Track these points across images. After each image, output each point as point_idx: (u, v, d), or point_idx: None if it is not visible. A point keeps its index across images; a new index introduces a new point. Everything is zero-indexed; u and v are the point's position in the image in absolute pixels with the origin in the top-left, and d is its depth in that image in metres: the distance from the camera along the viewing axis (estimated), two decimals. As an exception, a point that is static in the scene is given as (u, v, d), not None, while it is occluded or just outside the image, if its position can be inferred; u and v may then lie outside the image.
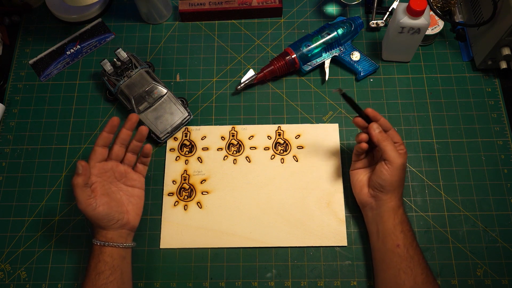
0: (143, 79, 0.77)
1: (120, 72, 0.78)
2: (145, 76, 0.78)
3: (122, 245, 0.65)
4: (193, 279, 0.71)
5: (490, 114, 0.80)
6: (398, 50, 0.82)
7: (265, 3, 0.88)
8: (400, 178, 0.65)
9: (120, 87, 0.77)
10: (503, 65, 0.79)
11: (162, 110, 0.77)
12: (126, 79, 0.77)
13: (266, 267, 0.72)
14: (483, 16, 0.77)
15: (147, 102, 0.77)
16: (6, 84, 0.86)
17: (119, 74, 0.78)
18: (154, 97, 0.77)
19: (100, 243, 0.64)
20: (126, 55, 0.79)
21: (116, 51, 0.79)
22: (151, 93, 0.77)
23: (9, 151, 0.81)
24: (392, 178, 0.64)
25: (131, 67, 0.79)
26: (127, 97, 0.77)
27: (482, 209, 0.74)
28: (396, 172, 0.64)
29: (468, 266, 0.71)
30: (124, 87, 0.77)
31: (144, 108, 0.77)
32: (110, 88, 0.79)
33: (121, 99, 0.78)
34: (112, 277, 0.63)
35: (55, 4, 0.90)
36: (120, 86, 0.77)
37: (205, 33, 0.89)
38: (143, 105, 0.77)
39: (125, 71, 0.78)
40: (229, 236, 0.73)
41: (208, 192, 0.76)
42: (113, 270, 0.63)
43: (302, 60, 0.81)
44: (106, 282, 0.62)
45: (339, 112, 0.81)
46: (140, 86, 0.77)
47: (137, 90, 0.77)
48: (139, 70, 0.78)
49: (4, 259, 0.73)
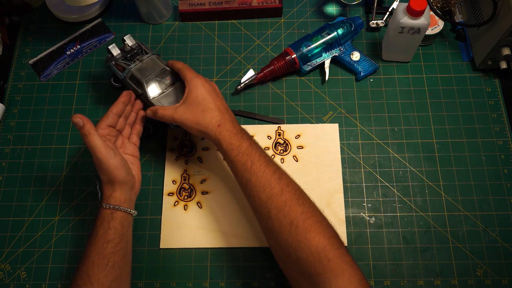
0: (155, 64, 0.74)
1: (130, 57, 0.75)
2: (157, 61, 0.74)
3: (132, 212, 0.65)
4: (193, 279, 0.71)
5: (490, 114, 0.80)
6: (398, 50, 0.82)
7: (265, 3, 0.88)
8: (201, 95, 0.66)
9: (131, 71, 0.73)
10: (503, 65, 0.79)
11: (175, 96, 0.73)
12: (137, 63, 0.73)
13: (266, 267, 0.72)
14: (483, 16, 0.77)
15: (159, 87, 0.73)
16: (6, 84, 0.86)
17: (128, 59, 0.75)
18: (166, 83, 0.74)
19: (111, 207, 0.63)
20: (135, 41, 0.76)
21: (125, 36, 0.75)
22: (163, 79, 0.73)
23: (9, 151, 0.81)
24: None
25: (140, 52, 0.76)
26: (138, 82, 0.72)
27: (482, 209, 0.74)
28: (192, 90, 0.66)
29: (468, 266, 0.71)
30: (136, 71, 0.73)
31: (157, 94, 0.73)
32: (118, 73, 0.74)
33: (130, 84, 0.73)
34: (120, 245, 0.62)
35: (55, 4, 0.90)
36: (131, 70, 0.73)
37: (205, 33, 0.89)
38: (156, 90, 0.73)
39: (134, 56, 0.75)
40: (229, 236, 0.73)
41: (208, 192, 0.76)
42: (121, 238, 0.63)
43: (302, 60, 0.81)
44: (113, 251, 0.61)
45: (339, 112, 0.81)
46: (152, 71, 0.73)
47: (149, 75, 0.73)
48: (151, 55, 0.74)
49: (4, 259, 0.73)
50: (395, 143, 0.79)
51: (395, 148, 0.78)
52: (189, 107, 0.66)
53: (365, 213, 0.74)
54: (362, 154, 0.78)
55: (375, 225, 0.73)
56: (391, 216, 0.74)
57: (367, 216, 0.74)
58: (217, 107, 0.66)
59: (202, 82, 0.67)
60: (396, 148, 0.78)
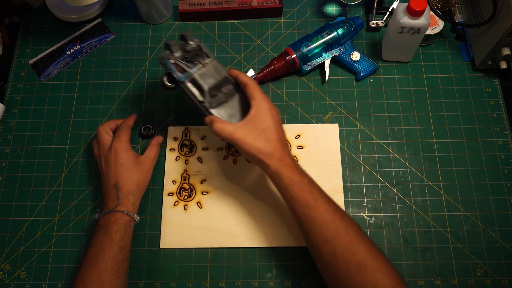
0: (217, 71, 0.67)
1: (190, 58, 0.68)
2: (219, 67, 0.67)
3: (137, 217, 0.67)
4: (193, 279, 0.71)
5: (490, 114, 0.80)
6: (398, 50, 0.82)
7: (265, 3, 0.88)
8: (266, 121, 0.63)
9: (193, 75, 0.66)
10: (503, 65, 0.79)
11: (235, 108, 0.68)
12: (200, 67, 0.66)
13: (266, 267, 0.72)
14: (483, 16, 0.77)
15: (220, 96, 0.67)
16: (6, 84, 0.86)
17: (188, 60, 0.68)
18: (226, 92, 0.68)
19: (132, 214, 0.65)
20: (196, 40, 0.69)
21: (186, 33, 0.67)
22: (223, 87, 0.68)
23: (9, 151, 0.81)
24: None
25: (200, 54, 0.68)
26: (200, 88, 0.66)
27: (482, 209, 0.74)
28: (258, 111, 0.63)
29: (468, 266, 0.71)
30: (198, 75, 0.66)
31: (217, 103, 0.68)
32: (177, 74, 0.67)
33: (189, 89, 0.67)
34: (129, 252, 0.64)
35: (55, 4, 0.90)
36: (194, 74, 0.66)
37: (205, 33, 0.89)
38: (215, 99, 0.67)
39: (195, 57, 0.68)
40: (229, 236, 0.73)
41: (208, 192, 0.76)
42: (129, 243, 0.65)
43: (302, 60, 0.81)
44: (125, 257, 0.63)
45: (339, 112, 0.81)
46: (214, 78, 0.66)
47: (210, 82, 0.66)
48: (213, 60, 0.68)
49: (4, 259, 0.73)
50: (395, 143, 0.79)
51: (395, 148, 0.78)
52: (251, 131, 0.63)
53: (365, 213, 0.74)
54: (362, 154, 0.78)
55: (375, 225, 0.73)
56: (391, 216, 0.74)
57: (367, 216, 0.74)
58: (280, 139, 0.63)
59: (270, 108, 0.64)
60: (396, 148, 0.78)
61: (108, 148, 0.70)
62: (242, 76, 0.66)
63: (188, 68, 0.66)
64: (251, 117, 0.63)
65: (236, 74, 0.67)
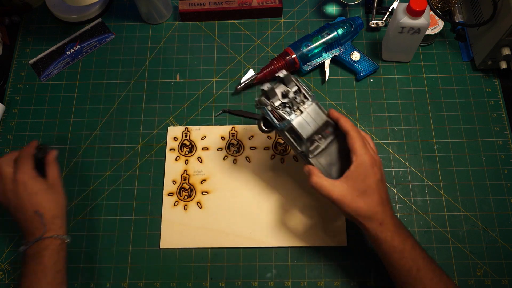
0: (317, 115, 0.60)
1: (288, 103, 0.61)
2: (319, 111, 0.60)
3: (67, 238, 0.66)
4: (193, 279, 0.71)
5: (490, 114, 0.80)
6: (398, 50, 0.82)
7: (265, 3, 0.88)
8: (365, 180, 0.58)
9: (291, 124, 0.59)
10: (503, 65, 0.79)
11: (335, 155, 0.62)
12: (298, 113, 0.60)
13: (266, 267, 0.72)
14: (483, 16, 0.77)
15: (319, 144, 0.62)
16: (6, 84, 0.86)
17: (285, 105, 0.61)
18: (326, 137, 0.62)
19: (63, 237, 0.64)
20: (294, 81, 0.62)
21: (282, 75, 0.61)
22: (323, 132, 0.61)
23: (9, 151, 0.80)
24: None
25: (299, 97, 0.61)
26: (298, 137, 0.60)
27: (482, 209, 0.74)
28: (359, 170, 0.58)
29: (468, 266, 0.71)
30: (297, 124, 0.59)
31: (316, 152, 0.61)
32: (274, 122, 0.61)
33: (287, 137, 0.62)
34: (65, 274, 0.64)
35: (55, 4, 0.90)
36: (291, 122, 0.59)
37: (205, 33, 0.89)
38: (315, 147, 0.61)
39: (293, 101, 0.61)
40: (229, 236, 0.73)
41: (208, 192, 0.76)
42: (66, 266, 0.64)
43: (302, 60, 0.81)
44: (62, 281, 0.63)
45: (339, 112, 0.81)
46: (314, 124, 0.60)
47: (310, 129, 0.59)
48: (312, 103, 0.60)
49: (4, 259, 0.73)
50: (395, 143, 0.79)
51: (395, 148, 0.78)
52: (351, 191, 0.57)
53: (365, 213, 0.74)
54: (362, 154, 0.78)
55: (375, 225, 0.73)
56: (391, 216, 0.74)
57: (367, 216, 0.74)
58: (381, 200, 0.58)
59: (372, 164, 0.58)
60: (396, 148, 0.78)
61: (11, 181, 0.66)
62: (343, 121, 0.60)
63: (286, 116, 0.60)
64: (351, 174, 0.58)
65: (337, 117, 0.61)
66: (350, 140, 0.59)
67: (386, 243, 0.57)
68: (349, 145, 0.59)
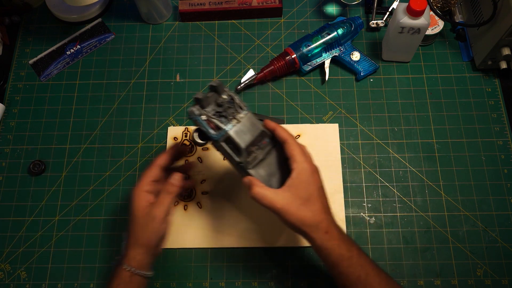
0: (253, 125, 0.58)
1: (223, 112, 0.59)
2: (254, 121, 0.59)
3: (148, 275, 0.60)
4: (193, 279, 0.71)
5: (490, 114, 0.80)
6: (398, 50, 0.82)
7: (265, 3, 0.88)
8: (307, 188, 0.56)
9: (228, 134, 0.57)
10: (503, 65, 0.79)
11: (274, 165, 0.60)
12: (234, 123, 0.58)
13: (266, 267, 0.72)
14: (483, 16, 0.77)
15: (256, 154, 0.59)
16: (6, 84, 0.86)
17: (221, 115, 0.59)
18: (263, 147, 0.60)
19: (132, 270, 0.59)
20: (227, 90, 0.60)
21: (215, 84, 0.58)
22: (260, 142, 0.59)
23: (9, 151, 0.81)
24: None
25: (233, 107, 0.59)
26: (236, 148, 0.57)
27: (482, 209, 0.74)
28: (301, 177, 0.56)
29: (468, 266, 0.71)
30: (234, 134, 0.57)
31: (255, 162, 0.59)
32: (210, 132, 0.58)
33: (224, 149, 0.59)
34: None
35: (55, 4, 0.90)
36: (228, 132, 0.57)
37: (205, 33, 0.89)
38: (253, 158, 0.59)
39: (227, 111, 0.58)
40: (229, 236, 0.73)
41: (208, 192, 0.76)
42: None
43: (302, 60, 0.81)
44: None
45: (339, 112, 0.81)
46: (250, 134, 0.58)
47: (247, 139, 0.57)
48: (248, 113, 0.59)
49: (4, 259, 0.73)
50: (395, 143, 0.79)
51: (395, 148, 0.78)
52: (294, 199, 0.56)
53: (365, 213, 0.74)
54: (362, 154, 0.78)
55: (375, 225, 0.73)
56: (391, 216, 0.74)
57: (367, 216, 0.74)
58: (324, 208, 0.57)
59: (313, 171, 0.57)
60: (396, 148, 0.78)
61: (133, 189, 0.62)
62: (279, 130, 0.59)
63: (222, 125, 0.57)
64: (293, 182, 0.56)
65: (273, 127, 0.59)
66: (288, 148, 0.58)
67: (334, 251, 0.56)
68: (288, 153, 0.58)
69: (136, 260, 0.59)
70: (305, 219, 0.56)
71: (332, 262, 0.56)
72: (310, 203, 0.56)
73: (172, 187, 0.60)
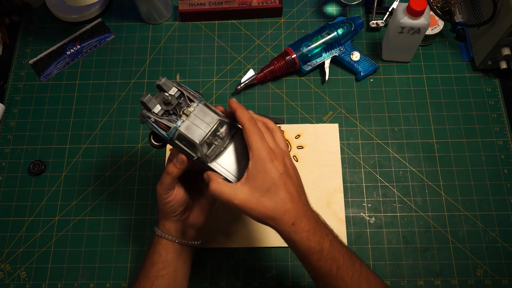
0: (206, 115, 0.55)
1: (173, 110, 0.56)
2: (207, 111, 0.56)
3: (175, 240, 0.62)
4: (193, 279, 0.71)
5: (490, 114, 0.80)
6: (398, 50, 0.82)
7: (265, 3, 0.88)
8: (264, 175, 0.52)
9: (179, 131, 0.55)
10: (503, 65, 0.79)
11: (239, 151, 0.57)
12: (184, 118, 0.55)
13: (266, 267, 0.72)
14: (483, 16, 0.77)
15: (215, 145, 0.56)
16: (6, 84, 0.86)
17: (170, 113, 0.57)
18: (223, 137, 0.56)
19: (158, 232, 0.62)
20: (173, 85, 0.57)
21: (160, 81, 0.56)
22: (218, 132, 0.56)
23: (9, 151, 0.81)
24: None
25: (183, 101, 0.57)
26: (190, 143, 0.55)
27: (482, 209, 0.74)
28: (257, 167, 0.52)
29: (468, 266, 0.71)
30: (185, 129, 0.55)
31: (214, 154, 0.56)
32: (161, 133, 0.56)
33: (179, 146, 0.56)
34: (164, 271, 0.61)
35: (55, 4, 0.90)
36: (178, 129, 0.55)
37: (205, 33, 0.89)
38: (213, 150, 0.56)
39: (177, 106, 0.57)
40: (229, 236, 0.73)
41: (208, 192, 0.76)
42: (166, 264, 0.61)
43: (302, 60, 0.81)
44: (157, 275, 0.61)
45: (339, 112, 0.81)
46: (204, 125, 0.55)
47: (201, 131, 0.55)
48: (198, 103, 0.56)
49: (4, 259, 0.73)
50: (395, 143, 0.79)
51: (395, 148, 0.78)
52: (253, 191, 0.52)
53: (365, 213, 0.74)
54: (362, 154, 0.78)
55: (375, 225, 0.73)
56: (391, 216, 0.74)
57: (367, 216, 0.74)
58: (290, 196, 0.52)
59: (271, 157, 0.52)
60: (396, 148, 0.78)
61: None
62: (239, 113, 0.54)
63: (171, 124, 0.55)
64: (250, 173, 0.52)
65: (235, 108, 0.55)
66: (245, 134, 0.53)
67: (301, 244, 0.52)
68: (245, 140, 0.53)
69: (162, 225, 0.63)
70: (267, 212, 0.52)
71: (300, 254, 0.53)
72: (270, 193, 0.51)
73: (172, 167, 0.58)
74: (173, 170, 0.58)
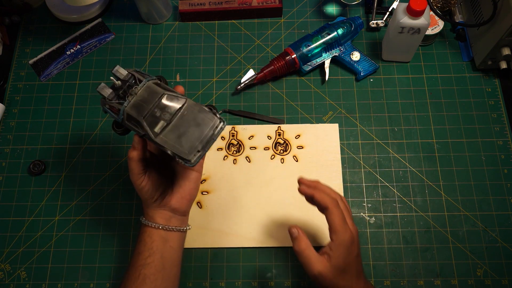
0: (152, 93, 0.57)
1: (123, 94, 0.58)
2: (154, 88, 0.57)
3: (159, 226, 0.62)
4: (193, 279, 0.71)
5: (490, 114, 0.80)
6: (398, 50, 0.82)
7: (265, 3, 0.88)
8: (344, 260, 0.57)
9: (126, 111, 0.57)
10: (503, 65, 0.79)
11: (185, 124, 0.57)
12: (130, 99, 0.57)
13: (266, 267, 0.72)
14: (483, 16, 0.77)
15: (163, 120, 0.57)
16: (6, 84, 0.86)
17: (121, 97, 0.58)
18: (170, 111, 0.57)
19: (143, 221, 0.63)
20: (127, 71, 0.60)
21: (114, 69, 0.59)
22: (165, 108, 0.57)
23: (9, 151, 0.81)
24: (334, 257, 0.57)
25: (134, 83, 0.58)
26: (137, 121, 0.57)
27: (482, 209, 0.74)
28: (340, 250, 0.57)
29: (468, 266, 0.71)
30: (130, 109, 0.56)
31: (161, 129, 0.57)
32: (115, 116, 0.58)
33: (130, 126, 0.58)
34: (150, 259, 0.61)
35: (55, 4, 0.90)
36: (125, 109, 0.57)
37: (205, 33, 0.89)
38: (159, 125, 0.57)
39: (128, 89, 0.58)
40: (229, 236, 0.73)
41: (208, 192, 0.76)
42: (151, 252, 0.61)
43: (302, 60, 0.81)
44: (143, 263, 0.61)
45: (339, 112, 0.81)
46: (150, 102, 0.57)
47: (147, 108, 0.56)
48: (146, 83, 0.58)
49: (4, 259, 0.73)
50: (395, 143, 0.79)
51: (395, 148, 0.78)
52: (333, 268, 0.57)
53: (365, 213, 0.74)
54: (362, 154, 0.78)
55: (375, 225, 0.73)
56: (391, 216, 0.74)
57: (367, 216, 0.74)
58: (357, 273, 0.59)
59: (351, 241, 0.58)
60: (396, 148, 0.78)
61: None
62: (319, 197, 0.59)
63: (119, 106, 0.57)
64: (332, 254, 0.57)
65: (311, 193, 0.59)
66: (329, 216, 0.58)
67: None
68: (328, 221, 0.58)
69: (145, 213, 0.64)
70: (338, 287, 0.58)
71: None
72: (346, 273, 0.58)
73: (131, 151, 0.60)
74: (133, 154, 0.60)
